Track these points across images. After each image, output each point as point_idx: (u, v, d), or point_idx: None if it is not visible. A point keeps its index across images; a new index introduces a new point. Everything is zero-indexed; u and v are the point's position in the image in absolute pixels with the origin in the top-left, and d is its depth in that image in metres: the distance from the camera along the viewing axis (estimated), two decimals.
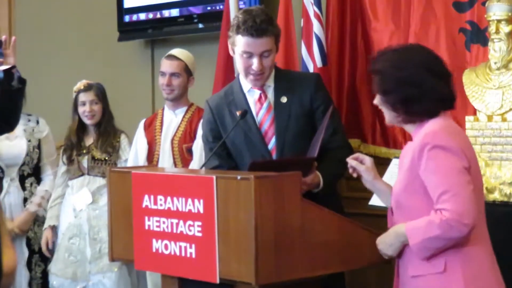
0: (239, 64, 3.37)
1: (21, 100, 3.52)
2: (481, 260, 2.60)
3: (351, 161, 2.89)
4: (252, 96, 3.41)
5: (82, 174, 4.44)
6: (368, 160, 2.88)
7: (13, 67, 3.38)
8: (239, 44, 3.29)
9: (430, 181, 2.56)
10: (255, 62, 3.28)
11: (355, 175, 2.91)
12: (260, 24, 3.23)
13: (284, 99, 3.36)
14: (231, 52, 3.40)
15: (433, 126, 2.61)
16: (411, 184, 2.62)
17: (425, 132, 2.60)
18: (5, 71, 3.34)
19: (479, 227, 2.60)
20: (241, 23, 3.25)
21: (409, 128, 2.73)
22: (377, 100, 2.74)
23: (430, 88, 2.62)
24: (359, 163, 2.88)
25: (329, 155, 3.29)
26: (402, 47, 2.78)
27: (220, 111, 3.43)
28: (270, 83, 3.39)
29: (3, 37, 3.50)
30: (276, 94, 3.37)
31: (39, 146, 4.58)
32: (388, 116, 2.73)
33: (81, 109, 4.46)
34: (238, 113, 3.36)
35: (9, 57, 3.49)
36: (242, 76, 3.41)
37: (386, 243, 2.71)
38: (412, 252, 2.61)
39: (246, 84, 3.41)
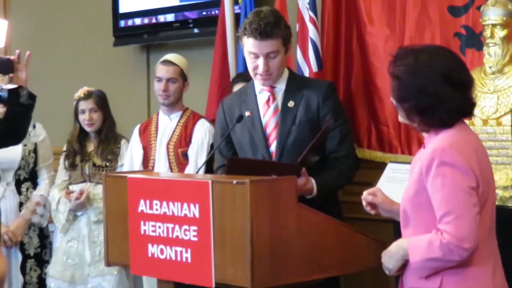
0: (247, 64, 3.40)
1: (30, 115, 3.51)
2: (481, 281, 2.54)
3: (367, 196, 2.83)
4: (262, 97, 3.42)
5: (84, 181, 4.45)
6: (379, 191, 2.85)
7: (20, 86, 3.37)
8: (246, 45, 3.32)
9: (435, 198, 2.50)
10: (260, 63, 3.30)
11: (373, 212, 2.86)
12: (265, 27, 3.25)
13: (291, 104, 3.37)
14: (243, 52, 3.43)
15: (443, 140, 2.54)
16: (418, 196, 2.58)
17: (436, 145, 2.53)
18: (10, 90, 3.34)
19: (485, 246, 2.54)
20: (248, 24, 3.29)
21: (423, 133, 2.68)
22: (393, 102, 2.68)
23: (447, 99, 2.53)
24: (374, 197, 2.83)
25: (331, 165, 3.31)
26: (424, 50, 2.63)
27: (231, 110, 3.46)
28: (282, 86, 3.41)
29: (17, 52, 3.50)
30: (284, 97, 3.38)
31: (35, 150, 4.58)
32: (402, 118, 2.67)
33: (81, 117, 4.47)
34: (247, 113, 3.39)
35: (21, 71, 3.47)
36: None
37: (387, 255, 2.69)
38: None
39: (258, 85, 3.43)
